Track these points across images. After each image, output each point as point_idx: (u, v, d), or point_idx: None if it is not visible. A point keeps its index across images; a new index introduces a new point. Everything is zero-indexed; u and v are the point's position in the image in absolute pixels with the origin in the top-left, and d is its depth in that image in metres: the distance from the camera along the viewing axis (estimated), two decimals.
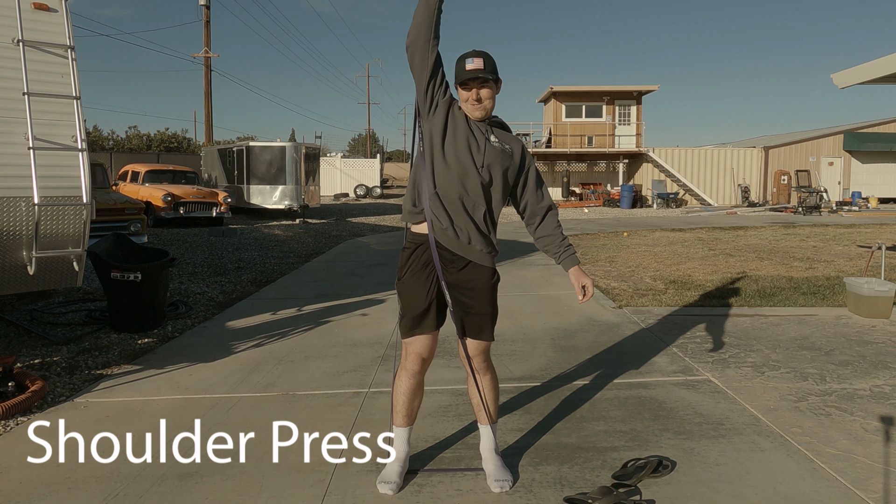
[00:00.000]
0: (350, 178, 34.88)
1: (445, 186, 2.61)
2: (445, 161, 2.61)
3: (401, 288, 2.72)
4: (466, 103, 2.63)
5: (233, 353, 4.78)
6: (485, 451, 2.84)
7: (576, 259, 2.76)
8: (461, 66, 2.60)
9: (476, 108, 2.62)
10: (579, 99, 27.61)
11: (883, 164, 28.47)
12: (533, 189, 2.78)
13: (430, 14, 2.51)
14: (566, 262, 2.76)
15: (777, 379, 4.10)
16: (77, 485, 2.77)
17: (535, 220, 2.80)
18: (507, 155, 2.68)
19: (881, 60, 6.57)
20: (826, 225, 16.88)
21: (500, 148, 2.66)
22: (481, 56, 2.59)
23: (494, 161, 2.64)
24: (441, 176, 2.62)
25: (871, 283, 5.76)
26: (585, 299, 2.67)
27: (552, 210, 2.81)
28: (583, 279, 2.69)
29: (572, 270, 2.73)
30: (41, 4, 4.14)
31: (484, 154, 2.62)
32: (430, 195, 2.62)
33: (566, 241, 2.79)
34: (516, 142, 2.76)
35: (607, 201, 25.62)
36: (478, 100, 2.60)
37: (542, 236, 2.80)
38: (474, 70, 2.56)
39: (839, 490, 2.69)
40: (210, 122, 26.53)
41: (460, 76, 2.60)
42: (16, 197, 4.09)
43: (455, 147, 2.61)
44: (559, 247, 2.77)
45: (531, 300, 6.69)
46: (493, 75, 2.60)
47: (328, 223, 17.75)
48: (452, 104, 2.67)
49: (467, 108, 2.64)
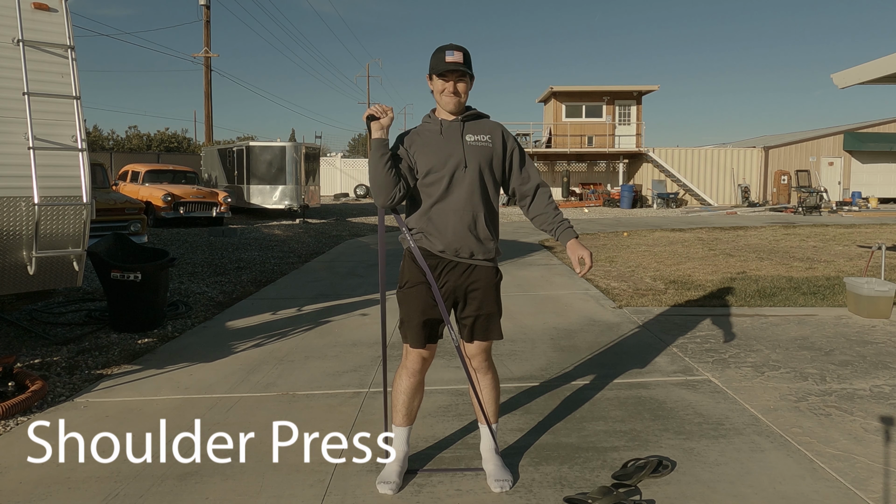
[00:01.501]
0: (350, 178, 34.89)
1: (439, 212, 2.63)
2: (427, 183, 2.64)
3: (401, 297, 2.72)
4: (442, 94, 2.64)
5: (233, 352, 4.78)
6: (485, 451, 2.84)
7: (573, 232, 2.75)
8: (440, 56, 2.62)
9: (451, 100, 2.64)
10: (579, 99, 27.61)
11: (883, 164, 28.47)
12: (518, 170, 2.77)
13: (387, 184, 2.61)
14: (563, 236, 2.74)
15: (777, 379, 4.10)
16: (77, 485, 2.77)
17: (526, 201, 2.81)
18: (486, 148, 2.68)
19: (881, 60, 6.57)
20: (826, 225, 16.87)
21: (477, 144, 2.67)
22: (461, 50, 2.63)
23: (473, 160, 2.64)
24: (430, 198, 2.65)
25: (871, 283, 5.76)
26: (584, 271, 2.64)
27: (542, 187, 2.80)
28: (580, 251, 2.66)
29: (570, 243, 2.71)
30: (41, 4, 4.14)
31: (464, 156, 2.63)
32: (423, 218, 2.66)
33: (560, 215, 2.78)
34: (494, 127, 2.75)
35: (607, 201, 25.62)
36: (454, 92, 2.63)
37: (536, 215, 2.80)
38: (454, 63, 2.59)
39: (839, 490, 2.69)
40: (210, 122, 26.54)
41: (438, 67, 2.61)
42: (16, 197, 4.09)
43: (433, 164, 2.63)
44: (553, 222, 2.76)
45: (531, 300, 6.69)
46: (470, 70, 2.64)
47: (328, 223, 17.75)
48: (412, 134, 2.71)
49: (442, 100, 2.66)
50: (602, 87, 27.48)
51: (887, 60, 6.45)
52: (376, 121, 2.61)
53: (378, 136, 2.60)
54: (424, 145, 2.66)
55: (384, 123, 2.61)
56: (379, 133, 2.60)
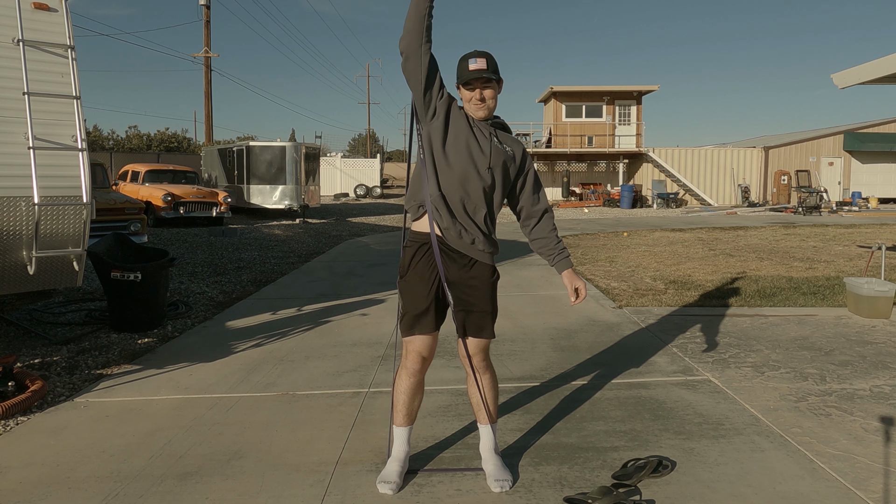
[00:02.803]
0: (350, 178, 34.88)
1: (448, 188, 2.63)
2: (448, 163, 2.63)
3: (403, 286, 2.72)
4: (469, 103, 2.64)
5: (233, 352, 4.78)
6: (485, 451, 2.84)
7: (569, 262, 2.81)
8: (464, 66, 2.62)
9: (479, 108, 2.64)
10: (579, 99, 27.61)
11: (883, 164, 28.48)
12: (530, 192, 2.81)
13: (420, 18, 2.51)
14: (560, 264, 2.80)
15: (777, 379, 4.10)
16: (77, 485, 2.77)
17: (530, 222, 2.83)
18: (510, 157, 2.71)
19: (881, 60, 6.57)
20: (826, 225, 16.88)
21: (503, 150, 2.68)
22: (484, 56, 2.61)
23: (498, 163, 2.66)
24: (443, 178, 2.63)
25: (871, 284, 5.76)
26: (578, 301, 2.74)
27: (548, 213, 2.84)
28: (576, 282, 2.75)
29: (565, 273, 2.78)
30: (41, 4, 4.14)
31: (490, 156, 2.64)
32: (433, 197, 2.63)
33: (560, 244, 2.83)
34: (518, 144, 2.79)
35: (607, 201, 25.62)
36: (481, 100, 2.63)
37: (536, 238, 2.83)
38: (478, 70, 2.58)
39: (839, 490, 2.69)
40: (210, 122, 26.54)
41: (463, 76, 2.61)
42: (16, 197, 4.09)
43: (457, 149, 2.62)
44: (553, 249, 2.81)
45: (531, 300, 6.69)
46: (496, 75, 2.62)
47: (328, 223, 17.75)
48: (451, 105, 2.67)
49: (470, 109, 2.66)
50: (602, 87, 27.47)
51: (887, 60, 6.45)
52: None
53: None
54: (458, 119, 2.65)
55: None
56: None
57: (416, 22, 2.51)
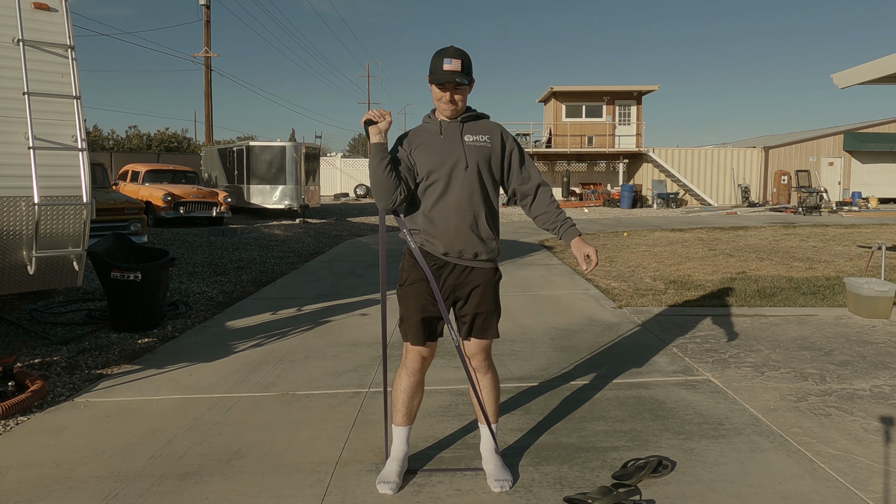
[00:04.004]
0: (350, 178, 34.88)
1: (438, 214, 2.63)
2: (428, 184, 2.64)
3: (401, 295, 2.72)
4: (440, 101, 2.65)
5: (233, 352, 4.78)
6: (485, 451, 2.84)
7: (576, 230, 2.75)
8: (438, 63, 2.59)
9: (448, 108, 2.65)
10: (579, 99, 27.61)
11: (883, 164, 28.47)
12: (518, 170, 2.77)
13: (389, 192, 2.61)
14: (567, 234, 2.74)
15: (777, 379, 4.10)
16: (77, 485, 2.77)
17: (527, 201, 2.80)
18: (485, 147, 2.68)
19: (881, 60, 6.57)
20: (826, 225, 16.88)
21: (476, 144, 2.67)
22: (460, 58, 2.58)
23: (473, 159, 2.64)
24: (431, 198, 2.64)
25: (871, 284, 5.76)
26: (591, 267, 2.64)
27: (542, 187, 2.80)
28: (585, 248, 2.67)
29: (574, 241, 2.71)
30: (41, 4, 4.14)
31: (464, 156, 2.63)
32: (424, 219, 2.66)
33: (563, 214, 2.78)
34: (493, 127, 2.74)
35: (607, 201, 25.62)
36: (451, 101, 2.63)
37: (538, 214, 2.79)
38: (451, 72, 2.56)
39: (839, 490, 2.69)
40: (210, 122, 26.53)
41: (436, 75, 2.59)
42: (16, 197, 4.09)
43: (433, 165, 2.62)
44: (556, 221, 2.76)
45: (531, 300, 6.70)
46: (468, 78, 2.61)
47: (328, 223, 17.75)
48: (411, 139, 2.69)
49: (439, 106, 2.67)
50: (602, 87, 27.47)
51: (887, 60, 6.45)
52: (374, 125, 2.60)
53: (376, 141, 2.60)
54: (424, 146, 2.66)
55: (382, 128, 2.61)
56: (377, 137, 2.60)
57: (386, 191, 2.61)
